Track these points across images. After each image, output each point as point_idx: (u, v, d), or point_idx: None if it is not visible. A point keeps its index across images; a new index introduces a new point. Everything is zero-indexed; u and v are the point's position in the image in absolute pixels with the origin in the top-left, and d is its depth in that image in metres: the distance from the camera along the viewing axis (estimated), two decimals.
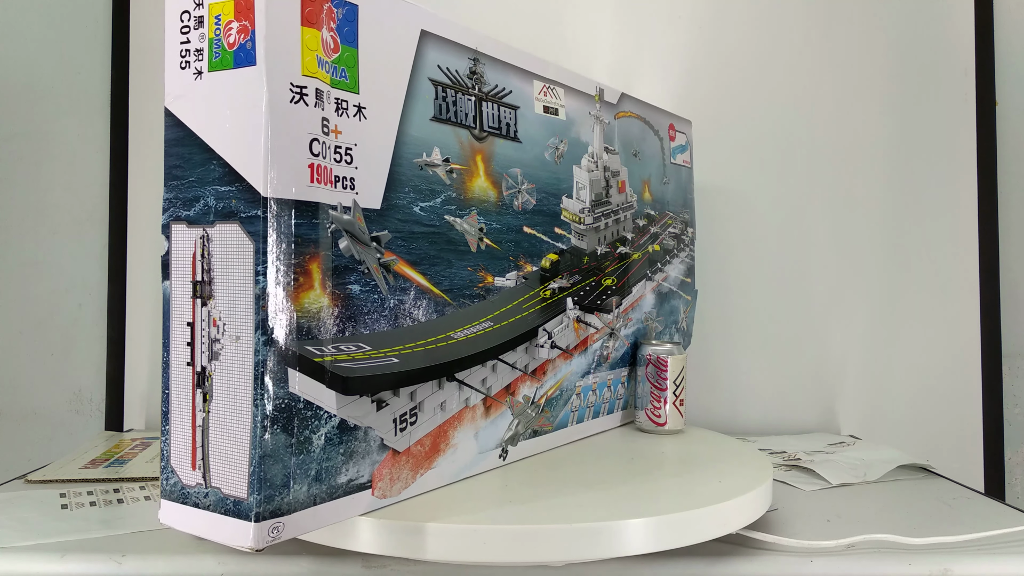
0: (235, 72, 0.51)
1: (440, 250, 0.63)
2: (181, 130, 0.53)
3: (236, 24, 0.51)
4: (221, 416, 0.51)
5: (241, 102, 0.50)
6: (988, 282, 1.16)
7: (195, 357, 0.52)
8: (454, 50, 0.65)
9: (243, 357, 0.50)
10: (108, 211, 1.16)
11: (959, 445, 1.16)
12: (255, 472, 0.50)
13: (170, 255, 0.53)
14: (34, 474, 0.86)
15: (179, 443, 0.53)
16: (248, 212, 0.50)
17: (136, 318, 1.15)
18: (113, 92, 1.16)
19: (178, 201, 0.53)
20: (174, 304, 0.53)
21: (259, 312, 0.50)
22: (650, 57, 1.17)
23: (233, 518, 0.50)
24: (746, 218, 1.17)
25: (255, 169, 0.50)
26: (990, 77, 1.17)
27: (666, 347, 0.87)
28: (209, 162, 0.51)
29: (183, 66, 0.53)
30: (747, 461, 0.73)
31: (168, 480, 0.53)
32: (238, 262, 0.51)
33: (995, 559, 0.64)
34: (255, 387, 0.50)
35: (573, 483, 0.66)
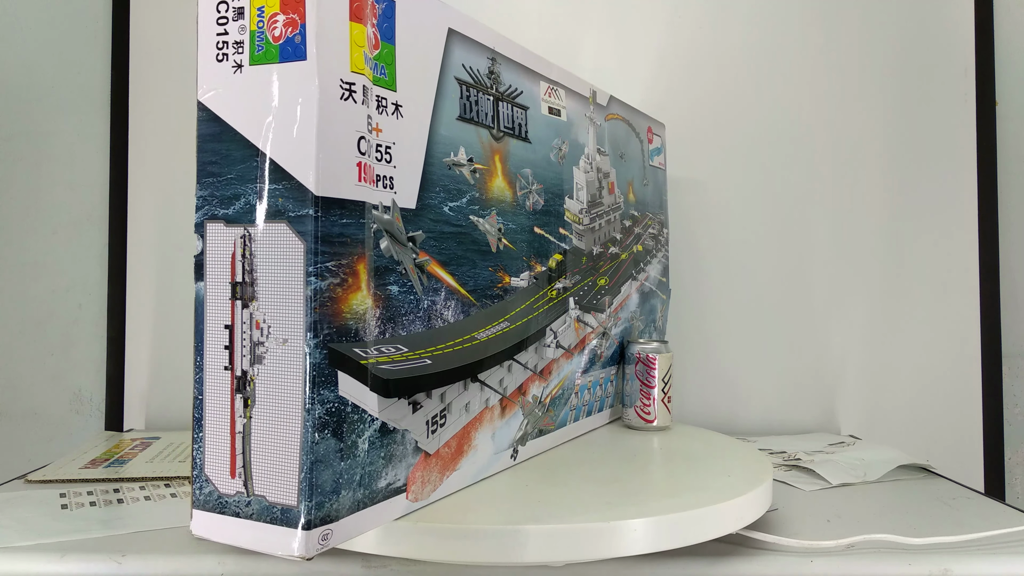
0: (282, 66, 0.49)
1: (466, 250, 0.63)
2: (217, 125, 0.51)
3: (283, 17, 0.49)
4: (266, 421, 0.49)
5: (288, 97, 0.49)
6: (988, 282, 1.16)
7: (234, 361, 0.50)
8: (476, 49, 0.65)
9: (291, 360, 0.48)
10: (108, 211, 1.16)
11: (959, 445, 1.16)
12: (306, 478, 0.48)
13: (204, 255, 0.51)
14: (34, 474, 0.86)
15: (215, 451, 0.51)
16: (298, 211, 0.48)
17: (136, 318, 1.15)
18: (113, 92, 1.16)
19: (214, 199, 0.51)
20: (209, 306, 0.51)
21: (311, 314, 0.48)
22: (649, 56, 1.17)
23: (281, 526, 0.49)
24: (746, 218, 1.17)
25: (306, 167, 0.48)
26: (990, 77, 1.17)
27: (654, 345, 0.89)
28: (251, 159, 0.49)
29: (220, 59, 0.51)
30: (747, 461, 0.73)
31: (202, 490, 0.51)
32: (286, 262, 0.49)
33: (995, 559, 0.64)
34: (305, 391, 0.48)
35: (576, 483, 0.66)
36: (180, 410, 1.15)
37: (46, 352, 1.17)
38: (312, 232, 0.48)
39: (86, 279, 1.17)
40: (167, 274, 1.15)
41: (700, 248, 1.17)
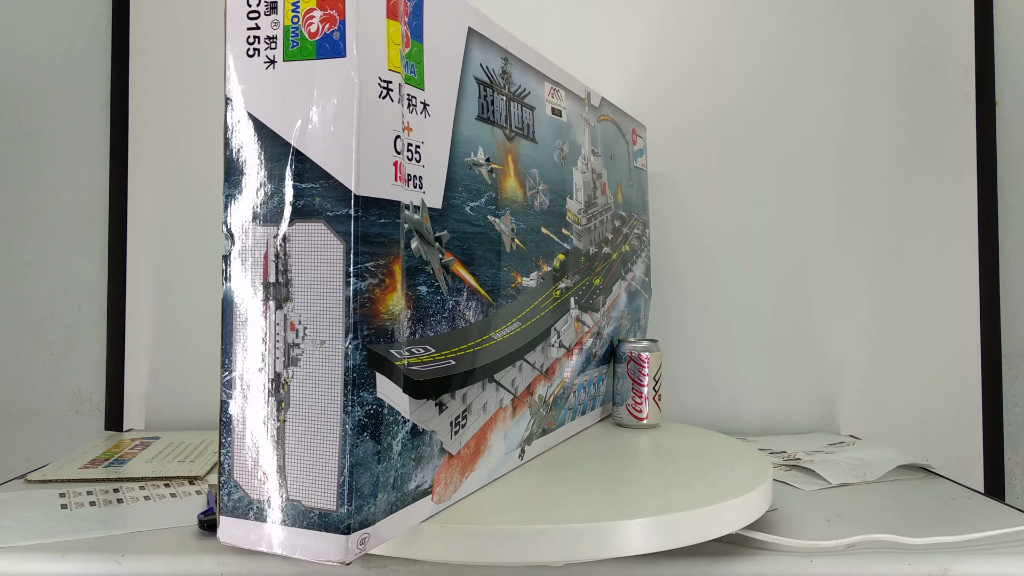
0: (318, 63, 0.48)
1: (485, 251, 0.62)
2: (249, 122, 0.50)
3: (319, 13, 0.48)
4: (301, 424, 0.48)
5: (326, 95, 0.47)
6: (988, 282, 1.16)
7: (266, 363, 0.49)
8: (492, 49, 0.64)
9: (330, 362, 0.47)
10: (108, 211, 1.16)
11: (959, 445, 1.16)
12: (346, 482, 0.47)
13: (235, 255, 0.50)
14: (34, 474, 0.86)
15: (245, 455, 0.49)
16: (337, 211, 0.47)
17: (136, 318, 1.15)
18: (113, 92, 1.16)
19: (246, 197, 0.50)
20: (239, 307, 0.50)
21: (350, 315, 0.47)
22: (648, 56, 1.17)
23: (318, 531, 0.48)
24: (746, 218, 1.17)
25: (346, 166, 0.47)
26: (990, 77, 1.17)
27: (644, 344, 0.90)
28: (285, 157, 0.48)
29: (251, 54, 0.49)
30: (747, 461, 0.73)
31: (230, 496, 0.50)
32: (324, 263, 0.47)
33: (995, 559, 0.64)
34: (345, 393, 0.47)
35: (577, 482, 0.66)
36: (180, 410, 1.15)
37: (46, 352, 1.17)
38: (352, 232, 0.47)
39: (86, 279, 1.17)
40: (167, 274, 1.15)
41: (700, 248, 1.17)
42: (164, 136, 1.16)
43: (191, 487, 0.82)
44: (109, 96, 1.17)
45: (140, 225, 1.16)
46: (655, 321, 1.16)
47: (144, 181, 1.16)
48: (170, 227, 1.15)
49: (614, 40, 1.17)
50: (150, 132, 1.16)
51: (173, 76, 1.16)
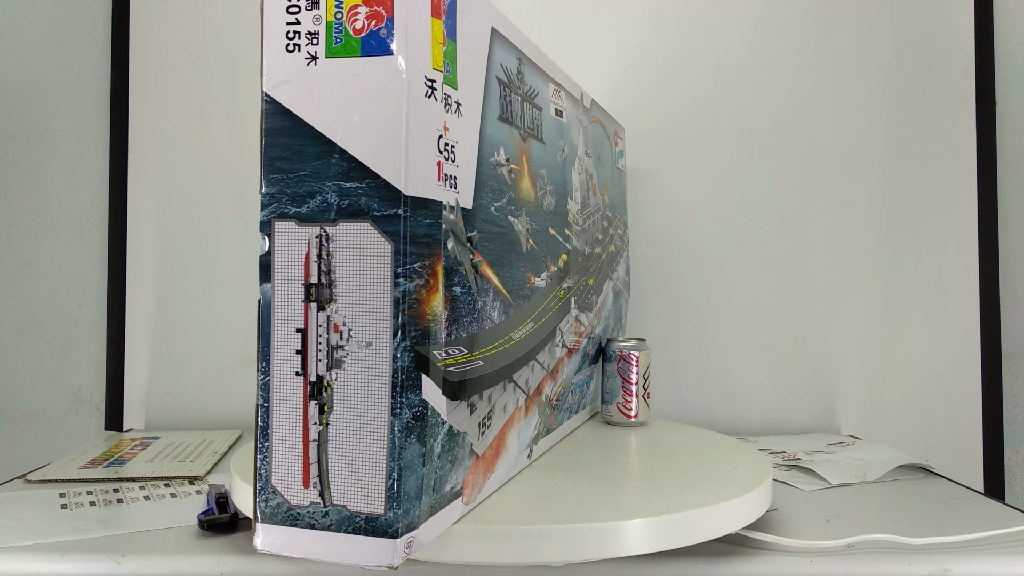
0: (364, 60, 0.47)
1: (506, 251, 0.62)
2: (288, 119, 0.48)
3: (365, 10, 0.47)
4: (345, 428, 0.47)
5: (373, 93, 0.46)
6: (988, 282, 1.16)
7: (307, 366, 0.48)
8: (509, 49, 0.64)
9: (376, 364, 0.47)
10: (108, 211, 1.16)
11: (959, 445, 1.15)
12: (394, 485, 0.46)
13: (272, 255, 0.48)
14: (34, 474, 0.86)
15: (285, 460, 0.48)
16: (384, 211, 0.46)
17: (136, 318, 1.15)
18: (113, 92, 1.16)
19: (284, 196, 0.48)
20: (277, 309, 0.48)
21: (399, 316, 0.46)
22: (648, 55, 1.17)
23: (366, 536, 0.47)
24: (746, 218, 1.17)
25: (395, 166, 0.46)
26: (990, 77, 1.17)
27: (632, 343, 0.91)
28: (328, 155, 0.47)
29: (290, 49, 0.48)
30: (747, 461, 0.73)
31: (268, 502, 0.49)
32: (371, 263, 0.47)
33: (995, 559, 0.64)
34: (393, 395, 0.46)
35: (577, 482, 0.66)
36: (180, 410, 1.15)
37: (46, 352, 1.17)
38: (401, 232, 0.46)
39: (86, 279, 1.17)
40: (167, 274, 1.15)
41: (700, 248, 1.16)
42: (164, 136, 1.16)
43: (191, 487, 0.82)
44: (109, 96, 1.17)
45: (140, 225, 1.16)
46: (656, 321, 1.16)
47: (144, 181, 1.16)
48: (170, 227, 1.15)
49: (611, 38, 1.17)
50: (150, 132, 1.16)
51: (173, 76, 1.16)
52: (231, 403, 1.15)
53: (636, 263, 1.16)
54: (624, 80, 1.16)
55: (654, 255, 1.16)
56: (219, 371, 1.15)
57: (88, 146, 1.17)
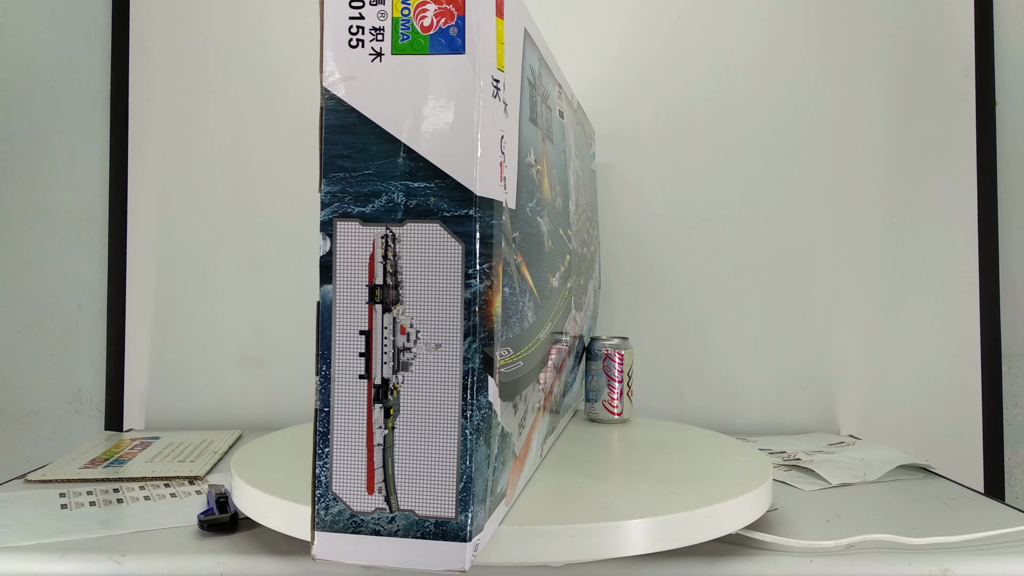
0: (432, 58, 0.46)
1: (536, 251, 0.62)
2: (350, 116, 0.47)
3: (433, 7, 0.46)
4: (413, 431, 0.46)
5: (443, 92, 0.46)
6: (988, 282, 1.16)
7: (372, 369, 0.47)
8: (534, 50, 0.64)
9: (446, 366, 0.46)
10: (108, 211, 1.16)
11: (959, 445, 1.15)
12: (465, 488, 0.46)
13: (334, 255, 0.47)
14: (34, 474, 0.86)
15: (347, 466, 0.47)
16: (454, 211, 0.46)
17: (136, 318, 1.15)
18: (113, 92, 1.16)
19: (347, 195, 0.47)
20: (339, 310, 0.47)
21: (470, 318, 0.46)
22: (647, 55, 1.17)
23: (435, 540, 0.46)
24: (746, 218, 1.17)
25: (467, 166, 0.46)
26: (990, 77, 1.17)
27: (616, 341, 0.93)
28: (394, 154, 0.46)
29: (354, 44, 0.47)
30: (747, 461, 0.73)
31: (329, 510, 0.47)
32: (441, 264, 0.46)
33: (995, 559, 0.64)
34: (464, 397, 0.46)
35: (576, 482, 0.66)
36: (180, 410, 1.15)
37: (46, 352, 1.17)
38: (472, 233, 0.46)
39: (86, 279, 1.17)
40: (167, 274, 1.15)
41: (700, 248, 1.17)
42: (164, 136, 1.16)
43: (191, 487, 0.82)
44: (109, 96, 1.17)
45: (140, 225, 1.16)
46: (656, 321, 1.16)
47: (144, 181, 1.16)
48: (170, 227, 1.15)
49: (609, 38, 1.17)
50: (150, 132, 1.16)
51: (173, 76, 1.16)
52: (231, 403, 1.15)
53: (636, 263, 1.16)
54: (624, 80, 1.16)
55: (654, 255, 1.16)
56: (219, 371, 1.15)
57: (88, 146, 1.17)
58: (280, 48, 1.16)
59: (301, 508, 0.58)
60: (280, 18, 1.16)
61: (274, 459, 0.71)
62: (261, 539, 0.65)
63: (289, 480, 0.64)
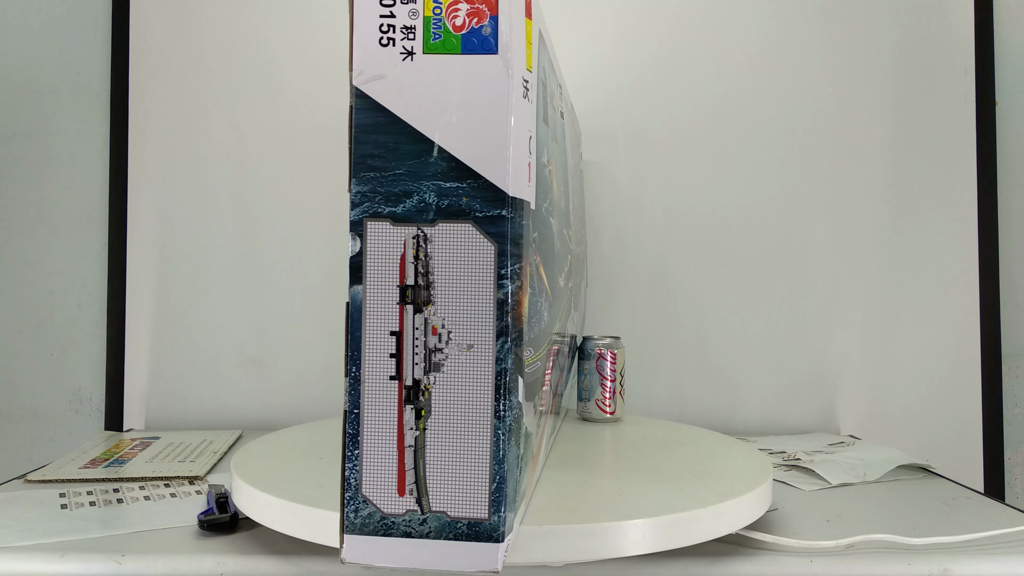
0: (465, 58, 0.46)
1: (549, 252, 0.62)
2: (381, 115, 0.47)
3: (466, 6, 0.46)
4: (445, 432, 0.46)
5: (476, 92, 0.46)
6: (988, 282, 1.16)
7: (403, 370, 0.47)
8: (545, 51, 0.65)
9: (478, 366, 0.46)
10: (108, 211, 1.16)
11: (959, 445, 1.16)
12: (498, 489, 0.46)
13: (364, 256, 0.47)
14: (34, 474, 0.86)
15: (377, 468, 0.47)
16: (487, 211, 0.46)
17: (136, 318, 1.15)
18: (113, 92, 1.16)
19: (377, 195, 0.47)
20: (369, 311, 0.47)
21: (503, 318, 0.46)
22: (646, 54, 1.17)
23: (468, 542, 0.46)
24: (746, 217, 1.17)
25: (499, 167, 0.46)
26: (990, 77, 1.17)
27: (607, 341, 0.93)
28: (426, 154, 0.46)
29: (384, 42, 0.46)
30: (747, 461, 0.73)
31: (358, 513, 0.47)
32: (473, 265, 0.46)
33: (995, 559, 0.64)
34: (496, 398, 0.46)
35: (576, 481, 0.66)
36: (180, 410, 1.15)
37: (46, 352, 1.17)
38: (505, 234, 0.46)
39: (86, 279, 1.17)
40: (167, 274, 1.15)
41: (700, 248, 1.17)
42: (164, 136, 1.16)
43: (191, 487, 0.82)
44: (109, 96, 1.17)
45: (140, 225, 1.16)
46: (656, 321, 1.16)
47: (144, 181, 1.16)
48: (170, 227, 1.15)
49: (609, 36, 1.17)
50: (150, 132, 1.16)
51: (173, 76, 1.16)
52: (231, 403, 1.15)
53: (637, 263, 1.16)
54: (624, 80, 1.16)
55: (654, 255, 1.16)
56: (219, 371, 1.15)
57: (88, 146, 1.17)
58: (280, 48, 1.16)
59: (301, 508, 0.58)
60: (280, 18, 1.16)
61: (274, 459, 0.71)
62: (261, 539, 0.65)
63: (289, 480, 0.64)
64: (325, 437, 0.80)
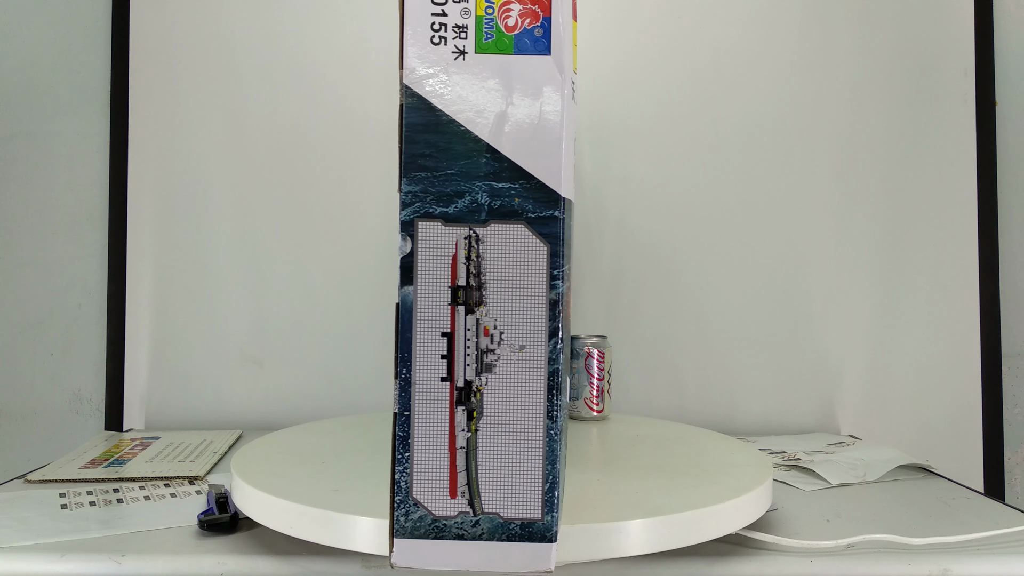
0: (518, 58, 0.46)
1: (569, 252, 0.63)
2: (432, 114, 0.46)
3: (518, 7, 0.46)
4: (497, 433, 0.46)
5: (528, 93, 0.46)
6: (988, 282, 1.16)
7: (454, 371, 0.46)
8: None
9: (531, 367, 0.46)
10: (108, 211, 1.16)
11: (959, 445, 1.16)
12: (550, 489, 0.46)
13: (415, 256, 0.47)
14: (34, 474, 0.86)
15: (429, 470, 0.47)
16: (540, 212, 0.46)
17: (136, 318, 1.15)
18: (113, 92, 1.16)
19: (429, 195, 0.46)
20: (420, 312, 0.47)
21: (554, 319, 0.46)
22: (646, 53, 1.17)
23: (521, 543, 0.46)
24: (746, 217, 1.17)
25: (553, 168, 0.46)
26: (990, 77, 1.17)
27: (595, 340, 0.94)
28: (477, 154, 0.46)
29: (436, 41, 0.46)
30: (747, 461, 0.73)
31: (409, 516, 0.47)
32: (526, 265, 0.46)
33: (995, 559, 0.64)
34: (549, 398, 0.46)
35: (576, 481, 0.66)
36: (180, 410, 1.15)
37: (46, 352, 1.17)
38: (558, 234, 0.46)
39: (86, 279, 1.17)
40: (167, 274, 1.15)
41: (699, 247, 1.17)
42: (164, 136, 1.16)
43: (191, 487, 0.82)
44: (109, 96, 1.17)
45: (140, 225, 1.16)
46: (655, 320, 1.16)
47: (144, 181, 1.16)
48: (170, 227, 1.15)
49: (606, 36, 1.17)
50: (150, 132, 1.16)
51: (173, 76, 1.16)
52: (231, 403, 1.15)
53: (636, 263, 1.16)
54: (622, 78, 1.16)
55: (654, 255, 1.16)
56: (219, 371, 1.15)
57: (88, 146, 1.17)
58: (281, 48, 1.16)
59: (302, 508, 0.58)
60: (281, 18, 1.16)
61: (274, 459, 0.71)
62: (261, 539, 0.65)
63: (289, 480, 0.64)
64: (326, 437, 0.80)
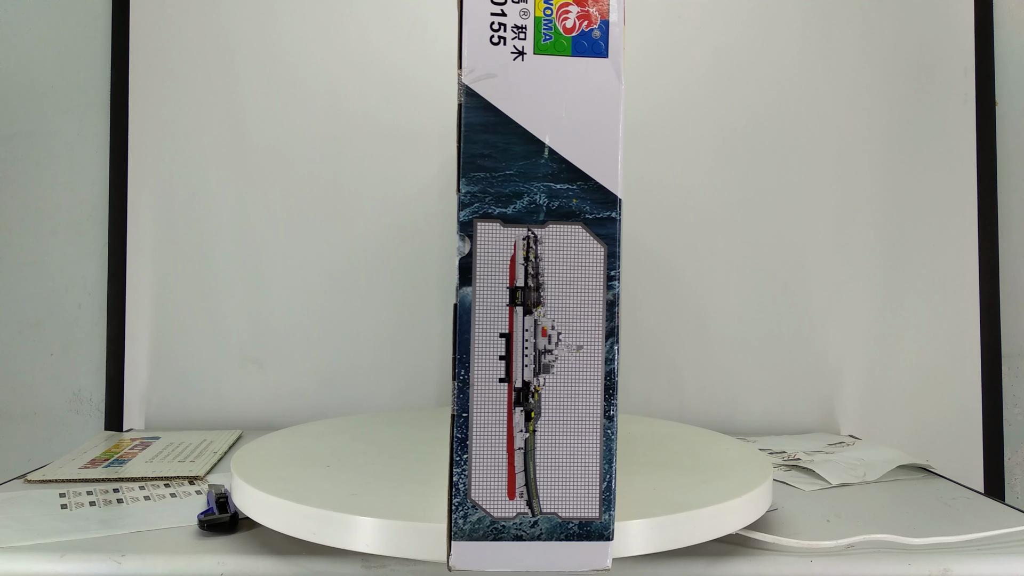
0: (575, 60, 0.47)
1: None
2: (491, 114, 0.47)
3: (576, 9, 0.47)
4: (555, 434, 0.47)
5: (586, 95, 0.46)
6: (988, 282, 1.16)
7: (512, 372, 0.47)
8: None
9: (588, 367, 0.47)
10: (108, 211, 1.16)
11: (959, 445, 1.16)
12: (607, 488, 0.47)
13: (474, 257, 0.47)
14: (34, 474, 0.86)
15: (487, 472, 0.47)
16: (597, 213, 0.46)
17: (136, 318, 1.15)
18: (113, 92, 1.16)
19: (487, 196, 0.47)
20: (479, 313, 0.47)
21: (611, 319, 0.47)
22: (647, 52, 1.17)
23: (580, 542, 0.47)
24: (744, 217, 1.17)
25: (610, 169, 0.46)
26: (990, 77, 1.17)
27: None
28: (537, 155, 0.47)
29: (495, 41, 0.47)
30: (747, 461, 0.73)
31: (467, 518, 0.47)
32: (584, 266, 0.47)
33: (995, 559, 0.64)
34: (606, 398, 0.47)
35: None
36: (180, 410, 1.15)
37: (46, 352, 1.17)
38: (614, 235, 0.47)
39: (86, 279, 1.17)
40: (167, 274, 1.15)
41: (699, 247, 1.17)
42: (164, 136, 1.16)
43: (191, 487, 0.82)
44: (109, 96, 1.17)
45: (140, 225, 1.16)
46: (655, 320, 1.16)
47: (144, 181, 1.16)
48: (170, 227, 1.15)
49: None
50: (150, 132, 1.16)
51: (173, 76, 1.16)
52: (231, 403, 1.15)
53: (636, 263, 1.16)
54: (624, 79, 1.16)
55: (653, 254, 1.16)
56: (219, 371, 1.15)
57: (88, 146, 1.17)
58: (281, 48, 1.16)
59: (303, 508, 0.58)
60: (281, 17, 1.16)
61: (274, 459, 0.71)
62: (261, 539, 0.65)
63: (289, 480, 0.64)
64: (326, 437, 0.80)
